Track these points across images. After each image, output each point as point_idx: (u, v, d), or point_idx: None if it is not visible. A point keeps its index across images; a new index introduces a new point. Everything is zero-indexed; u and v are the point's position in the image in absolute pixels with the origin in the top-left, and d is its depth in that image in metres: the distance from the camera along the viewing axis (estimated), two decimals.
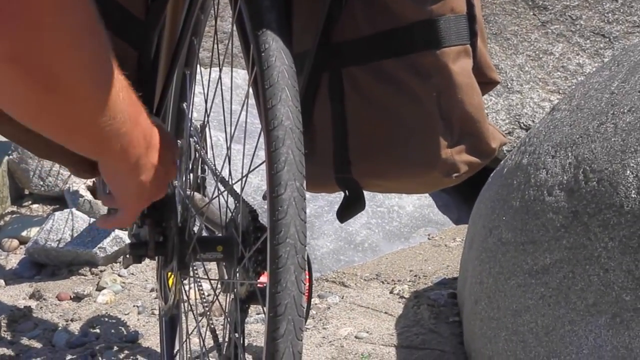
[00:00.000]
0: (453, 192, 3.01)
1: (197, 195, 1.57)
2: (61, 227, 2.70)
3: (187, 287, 1.64)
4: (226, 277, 1.40)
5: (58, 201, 3.13)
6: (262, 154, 1.08)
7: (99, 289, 2.56)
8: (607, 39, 3.00)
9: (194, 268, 1.44)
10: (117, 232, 2.70)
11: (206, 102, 1.36)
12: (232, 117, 1.38)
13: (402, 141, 1.18)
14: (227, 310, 1.39)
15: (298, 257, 1.00)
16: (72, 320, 2.39)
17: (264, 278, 1.19)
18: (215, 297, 1.48)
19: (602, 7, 3.02)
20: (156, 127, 1.05)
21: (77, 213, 2.77)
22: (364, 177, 1.24)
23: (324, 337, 2.25)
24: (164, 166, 1.03)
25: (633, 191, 1.64)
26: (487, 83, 1.24)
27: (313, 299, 2.43)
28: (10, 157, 3.13)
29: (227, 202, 1.36)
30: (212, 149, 1.79)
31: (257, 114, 1.18)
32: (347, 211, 1.28)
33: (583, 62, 2.99)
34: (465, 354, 2.12)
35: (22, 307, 2.45)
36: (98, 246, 2.67)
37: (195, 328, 1.54)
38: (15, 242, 2.87)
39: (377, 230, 2.79)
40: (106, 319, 2.40)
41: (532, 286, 1.78)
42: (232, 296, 1.34)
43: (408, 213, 2.87)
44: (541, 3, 3.04)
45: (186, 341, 1.77)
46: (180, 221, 1.40)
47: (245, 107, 1.24)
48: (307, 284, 1.14)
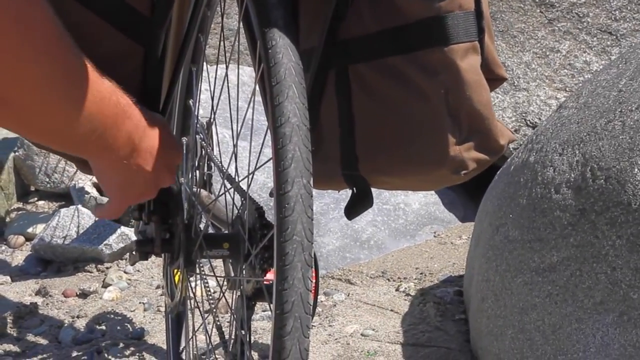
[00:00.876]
0: (459, 190, 3.01)
1: (204, 192, 1.57)
2: (67, 224, 2.71)
3: (194, 284, 1.64)
4: (232, 274, 1.40)
5: (64, 198, 3.13)
6: (268, 151, 1.08)
7: (105, 286, 2.56)
8: (614, 37, 2.99)
9: (201, 265, 1.44)
10: (123, 229, 2.70)
11: (212, 100, 1.36)
12: (239, 114, 1.38)
13: (410, 138, 1.18)
14: (234, 307, 1.39)
15: (305, 254, 1.00)
16: (78, 317, 2.39)
17: (271, 275, 1.19)
18: (221, 294, 1.48)
19: (609, 5, 3.01)
20: (158, 129, 1.03)
21: (83, 210, 2.77)
22: (372, 174, 1.24)
23: (330, 335, 2.25)
24: (156, 171, 1.02)
25: None
26: (495, 80, 1.24)
27: (319, 296, 2.43)
28: (16, 154, 3.13)
29: (234, 199, 1.36)
30: (219, 146, 1.78)
31: (264, 111, 1.17)
32: (355, 208, 1.27)
33: (590, 60, 2.98)
34: (471, 352, 2.11)
35: (28, 304, 2.46)
36: (104, 243, 2.67)
37: (201, 325, 1.54)
38: (21, 239, 2.87)
39: (383, 227, 2.78)
40: (112, 316, 2.40)
41: (539, 284, 1.77)
42: (239, 293, 1.34)
43: (414, 210, 2.87)
44: (548, 0, 3.04)
45: (192, 338, 1.77)
46: (186, 218, 1.40)
47: (252, 104, 1.24)
48: (314, 281, 1.13)
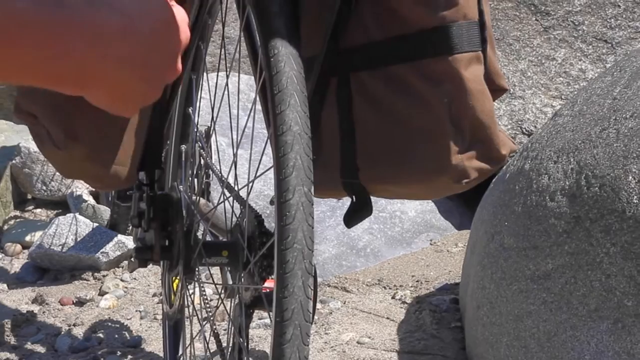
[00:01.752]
0: (455, 198, 3.01)
1: (202, 200, 1.58)
2: (64, 232, 2.71)
3: (192, 292, 1.64)
4: (230, 282, 1.40)
5: (61, 206, 3.13)
6: (266, 159, 1.08)
7: (102, 294, 2.56)
8: (610, 45, 3.00)
9: (199, 272, 1.44)
10: (120, 237, 2.71)
11: (212, 109, 1.37)
12: (237, 122, 1.38)
13: (412, 146, 1.19)
14: (232, 315, 1.39)
15: (305, 263, 1.01)
16: (75, 325, 2.39)
17: (269, 283, 1.20)
18: (220, 302, 1.48)
19: (605, 13, 3.03)
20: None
21: (80, 218, 2.77)
22: (372, 183, 1.24)
23: (326, 343, 2.25)
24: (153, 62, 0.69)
25: (635, 197, 1.65)
26: (496, 90, 1.25)
27: None
28: (13, 162, 3.14)
29: (233, 207, 1.37)
30: (218, 154, 1.79)
31: (263, 120, 1.18)
32: (354, 216, 1.28)
33: (585, 68, 3.00)
34: None
35: (25, 312, 2.46)
36: (101, 251, 2.67)
37: (199, 332, 1.55)
38: (18, 247, 2.87)
39: (379, 235, 2.79)
40: (109, 324, 2.40)
41: (534, 291, 1.78)
42: (237, 301, 1.34)
43: (410, 218, 2.88)
44: (543, 9, 3.05)
45: (190, 346, 1.78)
46: (185, 225, 1.41)
47: (252, 113, 1.25)
48: (312, 289, 1.14)
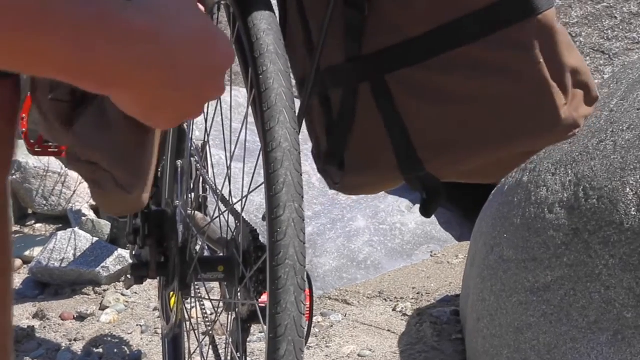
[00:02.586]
0: (455, 209, 3.01)
1: (199, 214, 1.58)
2: (64, 247, 2.71)
3: (189, 307, 1.64)
4: (228, 296, 1.40)
5: (61, 220, 3.14)
6: (262, 173, 1.08)
7: (102, 309, 2.56)
8: (607, 56, 3.01)
9: (196, 287, 1.44)
10: (121, 252, 2.71)
11: (206, 122, 1.37)
12: (233, 136, 1.39)
13: (506, 112, 1.17)
14: (229, 329, 1.39)
15: (297, 278, 1.01)
16: (76, 339, 2.39)
17: (266, 297, 1.20)
18: (217, 317, 1.48)
19: (602, 24, 3.03)
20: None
21: (80, 232, 2.77)
22: (442, 169, 1.23)
23: (327, 356, 2.25)
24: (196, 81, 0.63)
25: (633, 208, 1.65)
26: None
27: (315, 317, 2.43)
28: (13, 178, 3.14)
29: (228, 222, 1.37)
30: (213, 168, 1.79)
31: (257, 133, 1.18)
32: (430, 205, 1.27)
33: None
34: None
35: (26, 327, 2.46)
36: (101, 265, 2.67)
37: (197, 347, 1.55)
38: (18, 262, 2.87)
39: (380, 247, 2.79)
40: (109, 339, 2.40)
41: (534, 304, 1.78)
42: (234, 316, 1.34)
43: (410, 230, 2.87)
44: None
45: None
46: (181, 241, 1.41)
47: (245, 126, 1.25)
48: (308, 303, 1.14)
